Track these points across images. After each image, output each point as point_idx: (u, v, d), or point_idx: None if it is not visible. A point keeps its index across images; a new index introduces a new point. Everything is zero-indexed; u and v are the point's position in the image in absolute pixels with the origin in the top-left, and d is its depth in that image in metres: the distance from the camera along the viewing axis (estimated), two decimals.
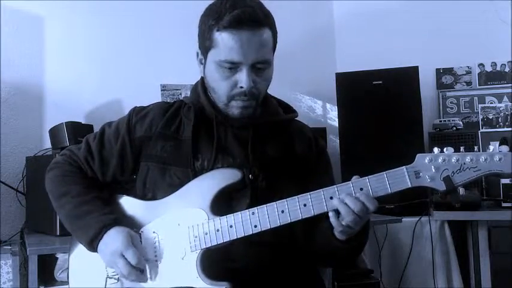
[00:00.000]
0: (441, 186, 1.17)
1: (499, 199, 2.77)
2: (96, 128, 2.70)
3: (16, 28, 2.86)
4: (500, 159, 1.13)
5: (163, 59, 3.15)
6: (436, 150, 1.19)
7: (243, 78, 1.34)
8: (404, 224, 2.83)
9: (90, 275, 1.43)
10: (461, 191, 2.70)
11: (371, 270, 2.85)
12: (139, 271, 1.33)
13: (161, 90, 3.17)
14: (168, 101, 3.13)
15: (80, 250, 1.45)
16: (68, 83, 2.95)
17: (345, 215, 1.19)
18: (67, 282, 1.49)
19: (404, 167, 1.19)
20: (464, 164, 1.15)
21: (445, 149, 1.18)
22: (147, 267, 1.35)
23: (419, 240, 2.85)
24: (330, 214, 1.21)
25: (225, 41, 1.32)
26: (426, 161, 1.18)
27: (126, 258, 1.31)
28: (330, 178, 1.48)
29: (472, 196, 2.74)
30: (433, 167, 1.17)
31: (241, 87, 1.35)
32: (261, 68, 1.36)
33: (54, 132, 2.68)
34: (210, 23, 1.35)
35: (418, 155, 1.19)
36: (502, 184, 2.75)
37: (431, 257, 2.83)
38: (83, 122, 2.78)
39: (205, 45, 1.38)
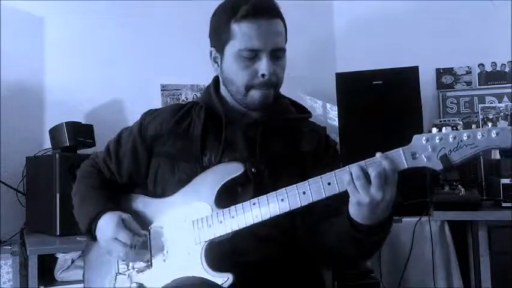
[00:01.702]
0: (438, 166, 1.15)
1: (499, 199, 2.76)
2: (96, 128, 2.75)
3: (16, 28, 2.87)
4: (497, 134, 1.11)
5: (163, 59, 3.15)
6: (434, 130, 1.18)
7: (263, 65, 1.37)
8: (404, 224, 2.83)
9: (103, 274, 1.48)
10: (462, 191, 2.71)
11: (371, 270, 2.85)
12: (136, 250, 1.38)
13: (161, 90, 3.17)
14: (168, 101, 3.14)
15: (94, 250, 1.52)
16: (68, 82, 2.95)
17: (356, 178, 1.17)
18: (67, 282, 1.52)
19: (400, 148, 1.19)
20: (461, 141, 1.13)
21: (443, 129, 1.17)
22: (147, 237, 1.40)
23: (419, 240, 2.85)
24: (348, 185, 1.18)
25: (243, 30, 1.36)
26: (423, 141, 1.17)
27: (120, 241, 1.36)
28: None
29: (472, 196, 2.73)
30: (429, 146, 1.16)
31: (263, 74, 1.38)
32: (278, 56, 1.40)
33: (54, 132, 2.69)
34: (226, 16, 1.39)
35: (414, 136, 1.19)
36: (502, 184, 2.74)
37: (431, 257, 2.83)
38: (83, 122, 2.78)
39: (222, 39, 1.41)
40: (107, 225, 1.40)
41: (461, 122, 3.24)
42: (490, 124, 1.14)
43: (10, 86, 2.82)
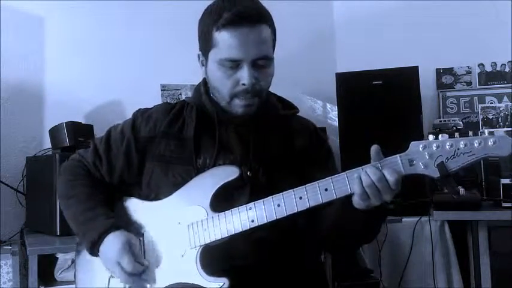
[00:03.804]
0: (435, 173, 1.16)
1: (499, 199, 2.76)
2: (96, 128, 2.75)
3: (16, 28, 2.86)
4: (494, 142, 1.11)
5: (163, 59, 3.15)
6: (431, 137, 1.18)
7: (244, 75, 1.35)
8: (404, 224, 2.83)
9: (95, 275, 1.45)
10: (462, 191, 2.70)
11: (371, 270, 2.85)
12: (137, 277, 1.34)
13: (161, 90, 3.17)
14: (168, 101, 3.13)
15: (86, 252, 1.48)
16: (68, 83, 2.95)
17: (366, 185, 1.19)
18: (67, 282, 1.51)
19: (398, 155, 1.19)
20: (458, 149, 1.13)
21: (439, 136, 1.17)
22: (147, 270, 1.35)
23: (419, 240, 2.85)
24: (355, 185, 1.21)
25: (224, 40, 1.34)
26: (420, 148, 1.17)
27: (122, 267, 1.33)
28: (332, 171, 1.44)
29: (472, 196, 2.73)
30: (426, 154, 1.16)
31: (243, 84, 1.36)
32: (262, 64, 1.37)
33: (54, 132, 2.69)
34: (208, 23, 1.37)
35: (411, 143, 1.19)
36: (502, 184, 2.74)
37: (431, 257, 2.83)
38: (83, 122, 2.78)
39: (206, 45, 1.39)
40: (112, 246, 1.35)
41: (461, 122, 3.24)
42: (486, 132, 1.14)
43: (10, 86, 2.82)
